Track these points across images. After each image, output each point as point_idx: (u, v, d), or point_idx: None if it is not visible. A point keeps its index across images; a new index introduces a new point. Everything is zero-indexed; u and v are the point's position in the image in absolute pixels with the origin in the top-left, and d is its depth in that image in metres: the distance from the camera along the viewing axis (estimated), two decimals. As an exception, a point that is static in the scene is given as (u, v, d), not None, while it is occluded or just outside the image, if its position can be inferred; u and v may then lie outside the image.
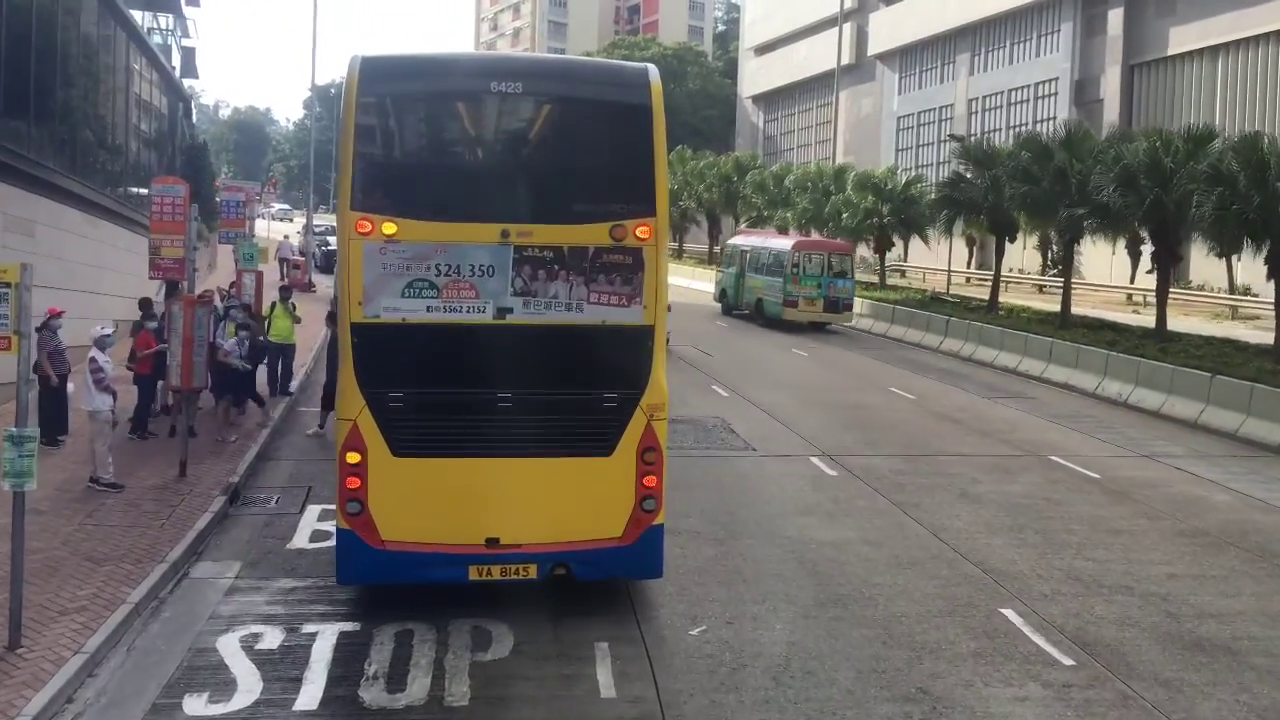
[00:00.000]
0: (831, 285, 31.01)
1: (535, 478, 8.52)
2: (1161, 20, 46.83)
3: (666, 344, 9.33)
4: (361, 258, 8.25)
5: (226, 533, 10.96)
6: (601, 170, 8.72)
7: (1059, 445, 16.37)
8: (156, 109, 30.95)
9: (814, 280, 30.89)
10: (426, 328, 8.30)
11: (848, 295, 31.60)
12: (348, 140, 8.28)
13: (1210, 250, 26.17)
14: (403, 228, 8.22)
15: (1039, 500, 13.01)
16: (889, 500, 12.79)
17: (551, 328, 8.40)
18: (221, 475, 12.65)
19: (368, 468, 8.36)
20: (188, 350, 12.19)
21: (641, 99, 8.55)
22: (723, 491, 12.93)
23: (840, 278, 31.37)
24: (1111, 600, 9.65)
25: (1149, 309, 37.64)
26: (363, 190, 8.27)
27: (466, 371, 8.46)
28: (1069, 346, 22.64)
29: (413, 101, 8.62)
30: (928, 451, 15.63)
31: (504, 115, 8.71)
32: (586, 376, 8.61)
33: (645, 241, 8.47)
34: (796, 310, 30.91)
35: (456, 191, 8.51)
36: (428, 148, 8.76)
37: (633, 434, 8.59)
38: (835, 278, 31.18)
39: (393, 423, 8.34)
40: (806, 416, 17.99)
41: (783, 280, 31.04)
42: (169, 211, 12.86)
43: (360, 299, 8.29)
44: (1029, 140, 27.39)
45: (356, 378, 8.35)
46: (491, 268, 8.32)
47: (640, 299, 8.52)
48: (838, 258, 31.92)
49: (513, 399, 8.44)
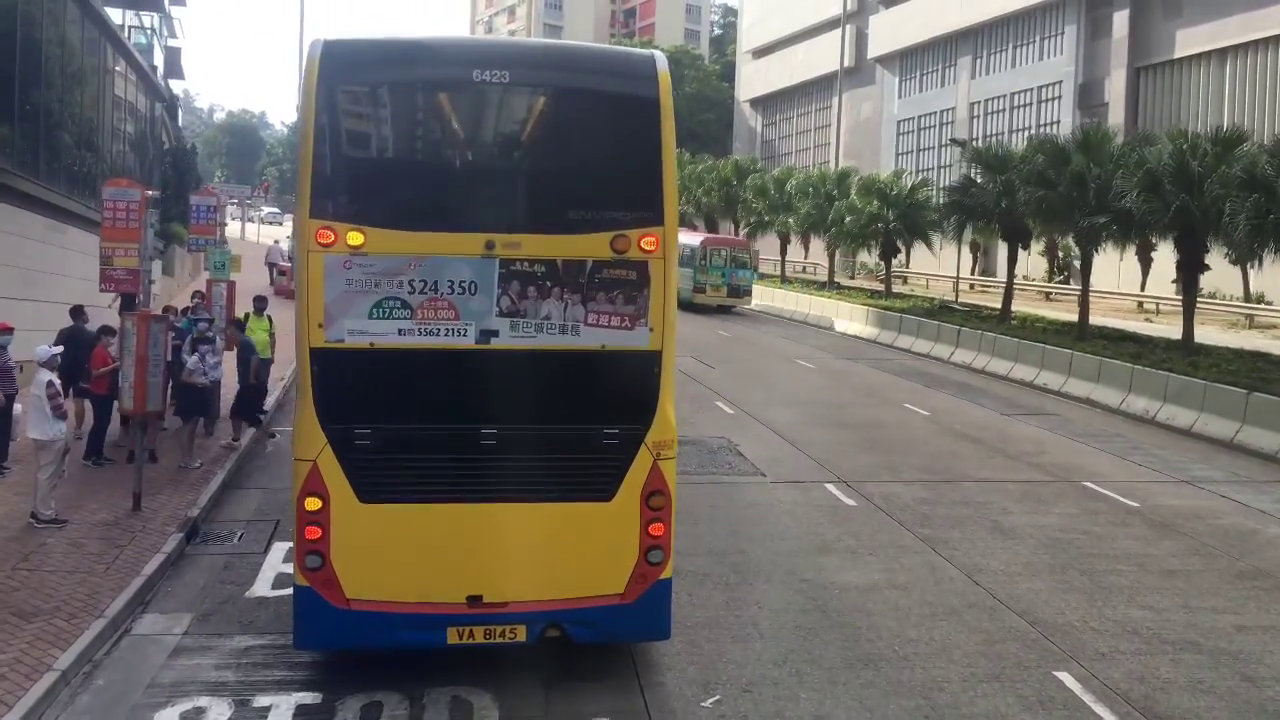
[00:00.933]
0: (733, 274, 37.33)
1: (524, 526, 7.39)
2: (1168, 22, 45.95)
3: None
4: (322, 273, 7.12)
5: (180, 577, 9.80)
6: (601, 172, 7.57)
7: (1091, 469, 15.26)
8: (135, 109, 29.80)
9: (719, 270, 36.99)
10: (398, 354, 7.18)
11: (747, 283, 37.94)
12: (306, 137, 7.15)
13: (1226, 257, 25.16)
14: (370, 238, 7.09)
15: (1078, 534, 11.89)
16: (915, 535, 11.66)
17: (543, 353, 7.29)
18: (180, 507, 11.49)
19: (330, 515, 7.22)
20: (141, 370, 11.03)
21: (648, 90, 7.43)
22: (732, 525, 11.80)
23: (741, 268, 37.61)
24: (1178, 660, 8.52)
25: (1161, 317, 36.76)
26: (324, 195, 7.14)
27: (445, 404, 7.34)
28: (1090, 359, 21.53)
29: (382, 92, 7.47)
30: (951, 476, 14.51)
31: (488, 108, 7.58)
32: (583, 409, 7.48)
33: (651, 254, 7.35)
34: (705, 295, 36.41)
35: (433, 196, 7.37)
36: (400, 146, 7.60)
37: (636, 475, 7.47)
38: (737, 268, 37.40)
39: (359, 463, 7.21)
40: (817, 436, 16.87)
41: (693, 270, 35.89)
42: (122, 217, 11.73)
43: (321, 320, 7.15)
44: (1044, 143, 26.27)
45: (316, 411, 7.21)
46: (474, 284, 7.20)
47: (645, 320, 7.40)
48: (740, 251, 38.29)
49: (498, 435, 7.31)
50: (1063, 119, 49.19)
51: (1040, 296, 43.78)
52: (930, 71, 60.74)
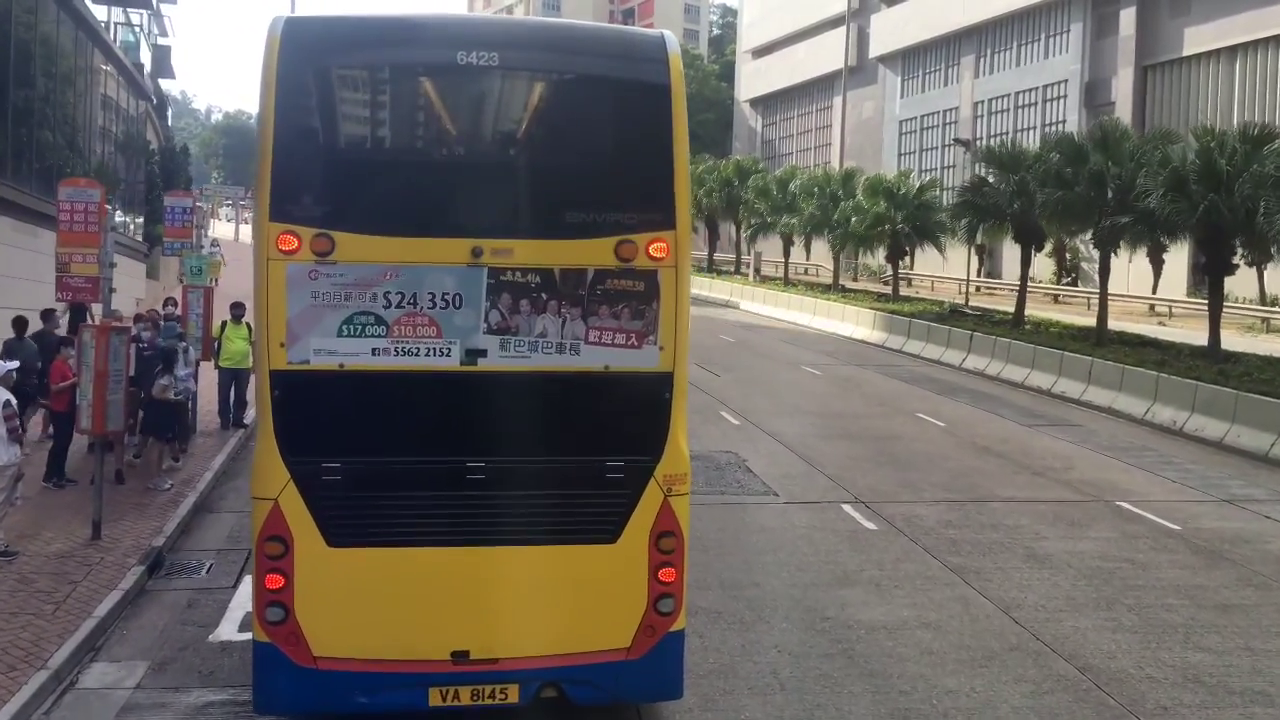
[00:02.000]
0: None
1: (516, 573, 6.49)
2: (1176, 20, 45.14)
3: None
4: (284, 284, 6.22)
5: (138, 617, 8.87)
6: (604, 169, 6.67)
7: (1124, 487, 14.33)
8: (119, 108, 28.88)
9: None
10: (372, 377, 6.28)
11: None
12: (265, 129, 6.23)
13: (1243, 258, 24.27)
14: (340, 244, 6.19)
15: (1120, 563, 10.98)
16: (943, 564, 10.74)
17: (538, 376, 6.39)
18: (144, 535, 10.59)
19: (294, 562, 6.31)
20: (100, 386, 10.11)
21: (657, 75, 6.52)
22: (745, 553, 10.88)
23: None
24: (1249, 715, 7.60)
25: (1175, 320, 35.87)
26: (285, 195, 6.23)
27: (425, 434, 6.44)
28: (1112, 367, 20.61)
29: (352, 77, 6.56)
30: (975, 495, 13.60)
31: (474, 95, 6.66)
32: (584, 439, 6.57)
33: (661, 262, 6.45)
34: None
35: (412, 196, 6.46)
36: (373, 138, 6.69)
37: (644, 514, 6.57)
38: None
39: (327, 502, 6.30)
40: (829, 450, 15.96)
41: None
42: (80, 220, 10.81)
43: (282, 339, 6.25)
44: (1061, 141, 25.34)
45: (278, 443, 6.30)
46: (459, 297, 6.30)
47: (654, 338, 6.50)
48: None
49: (487, 469, 6.41)
50: (1068, 118, 48.38)
51: (1048, 299, 42.88)
52: (933, 71, 59.88)
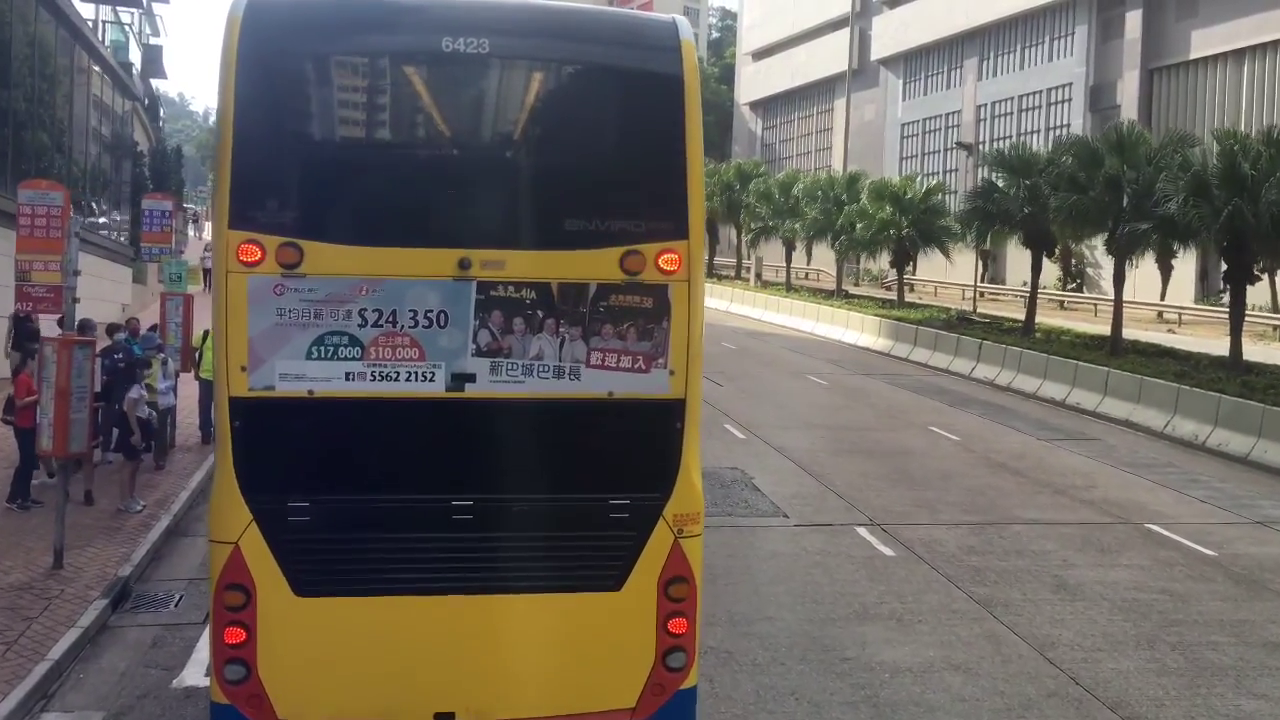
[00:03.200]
0: None
1: (508, 625, 5.77)
2: (1182, 23, 44.52)
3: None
4: (246, 300, 5.50)
5: (97, 658, 8.14)
6: (608, 171, 5.95)
7: (1151, 508, 13.61)
8: (105, 107, 28.13)
9: None
10: (345, 405, 5.57)
11: None
12: (225, 124, 5.51)
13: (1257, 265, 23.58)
14: (310, 255, 5.47)
15: (1156, 594, 10.26)
16: (967, 595, 10.02)
17: (533, 403, 5.68)
18: (111, 563, 9.85)
19: (257, 613, 5.60)
20: (63, 404, 9.38)
21: (668, 65, 5.82)
22: (755, 582, 10.16)
23: None
24: (1319, 774, 6.92)
25: (1184, 328, 35.22)
26: (248, 199, 5.50)
27: (406, 468, 5.72)
28: (1130, 378, 19.90)
29: (323, 66, 5.82)
30: (995, 516, 12.88)
31: (462, 87, 5.94)
32: (585, 474, 5.85)
33: (672, 276, 5.73)
34: None
35: (391, 200, 5.73)
36: (347, 136, 5.97)
37: (652, 558, 5.85)
38: None
39: (294, 546, 5.58)
40: (839, 466, 15.24)
41: None
42: (41, 225, 10.11)
43: (244, 362, 5.52)
44: (1076, 144, 24.65)
45: (238, 480, 5.58)
46: (444, 314, 5.59)
47: (664, 360, 5.78)
48: None
49: (475, 508, 5.69)
50: (1073, 122, 47.75)
51: (1053, 305, 42.16)
52: (935, 73, 59.24)
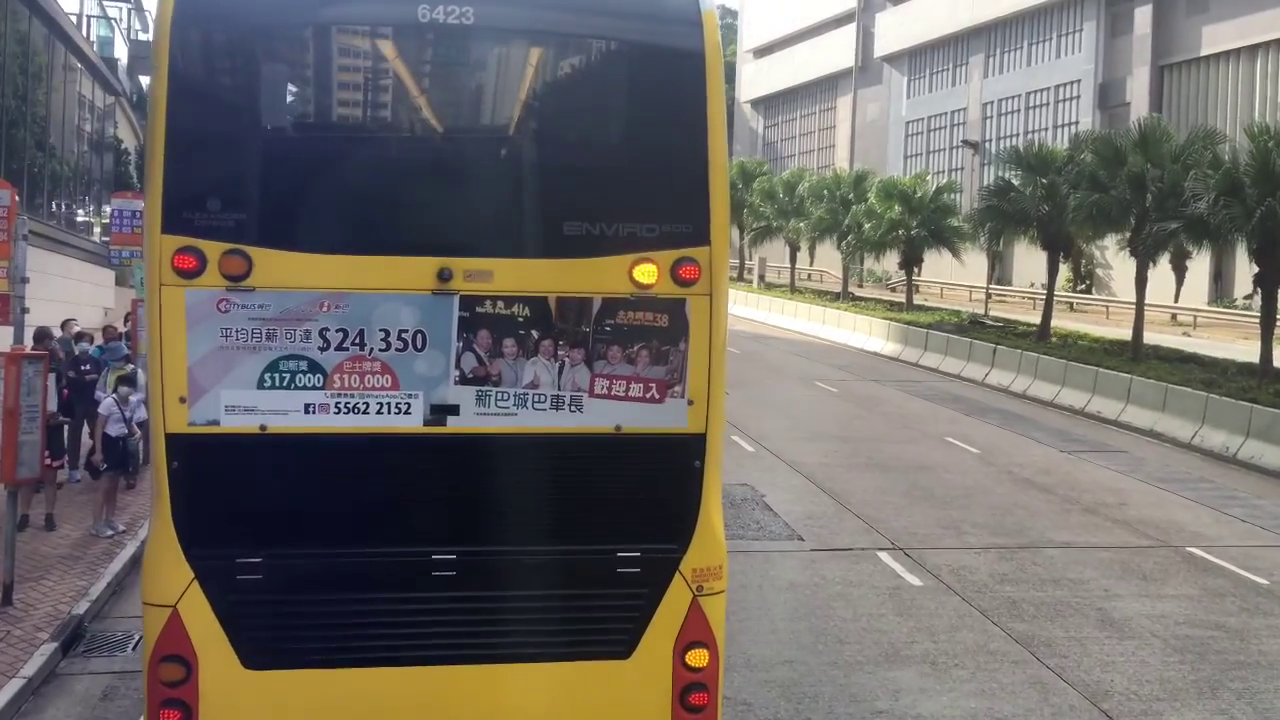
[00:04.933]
0: None
1: (498, 700, 4.93)
2: (1193, 19, 43.66)
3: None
4: (184, 319, 4.64)
5: (40, 712, 7.27)
6: (616, 164, 5.08)
7: (1190, 528, 12.73)
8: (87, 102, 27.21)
9: None
10: (304, 442, 4.73)
11: None
12: (157, 109, 4.64)
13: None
14: (260, 264, 4.63)
15: (1211, 630, 9.37)
16: (1005, 632, 9.13)
17: (527, 440, 4.85)
18: (66, 598, 8.96)
19: (199, 690, 4.76)
20: (11, 425, 8.50)
21: (688, 40, 4.94)
22: (773, 618, 9.27)
23: None
24: None
25: (1200, 331, 34.32)
26: (185, 198, 4.65)
27: (377, 518, 4.87)
28: (1154, 385, 19.02)
29: (274, 40, 4.95)
30: (1026, 539, 11.99)
31: (443, 65, 5.07)
32: (588, 523, 5.00)
33: (691, 288, 4.89)
34: None
35: (358, 200, 4.86)
36: (304, 123, 5.10)
37: (667, 620, 5.03)
38: None
39: (244, 610, 4.74)
40: (855, 482, 14.36)
41: None
42: (-14, 228, 9.24)
43: (183, 393, 4.67)
44: (1098, 141, 23.78)
45: (177, 532, 4.73)
46: (421, 335, 4.75)
47: (681, 388, 4.94)
48: None
49: (459, 563, 4.86)
50: (1081, 119, 46.93)
51: (1064, 307, 41.24)
52: (940, 71, 58.38)
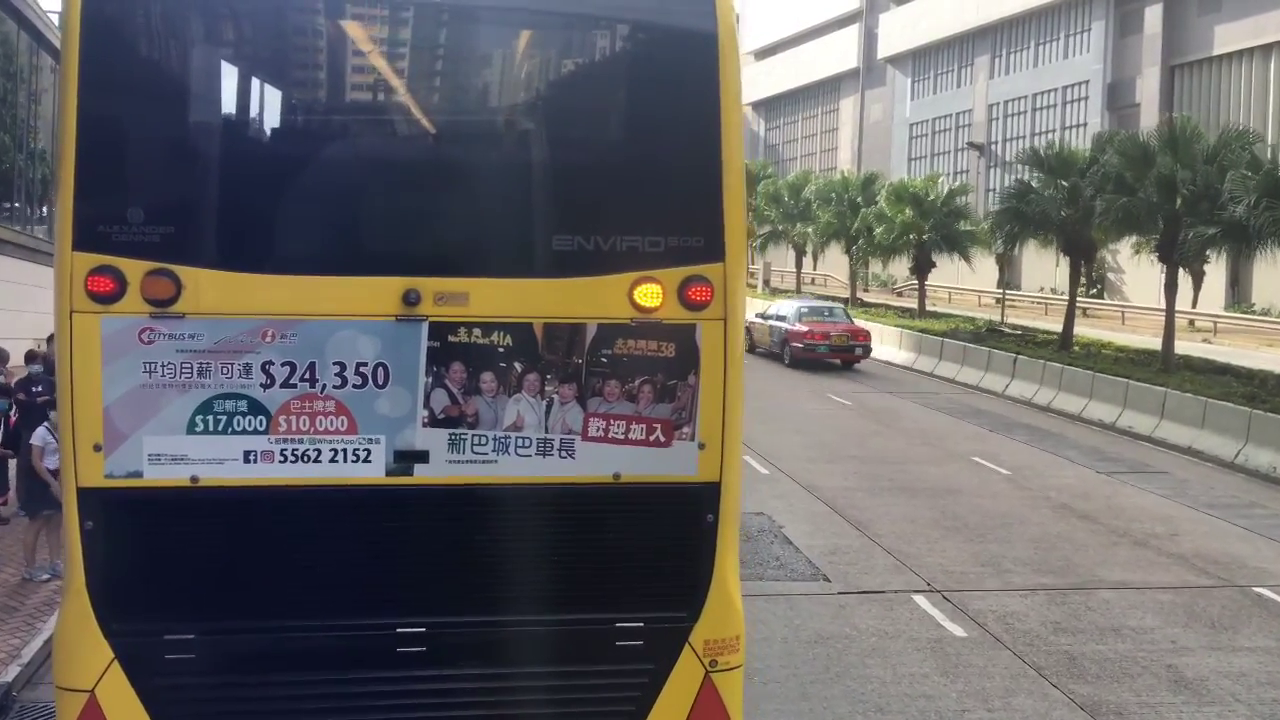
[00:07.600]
0: None
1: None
2: (1205, 17, 42.97)
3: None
4: (99, 352, 3.79)
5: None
6: (614, 166, 4.20)
7: (1252, 564, 11.59)
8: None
9: None
10: (245, 497, 3.88)
11: None
12: (68, 103, 3.76)
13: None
14: (191, 287, 3.76)
15: (1300, 692, 8.39)
16: (1068, 697, 8.03)
17: (509, 491, 4.00)
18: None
19: (115, 803, 3.89)
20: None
21: (700, 22, 4.05)
22: (801, 681, 8.14)
23: None
24: None
25: (1219, 337, 33.47)
26: (99, 209, 3.77)
27: (332, 584, 4.00)
28: (1192, 399, 18.05)
29: (208, 20, 4.09)
30: (1076, 579, 10.90)
31: (411, 49, 4.22)
32: (581, 588, 4.15)
33: (702, 312, 4.04)
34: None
35: (308, 210, 3.99)
36: (244, 120, 4.24)
37: (675, 700, 4.19)
38: None
39: (174, 695, 3.88)
40: (881, 509, 13.40)
41: None
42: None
43: (98, 439, 3.80)
44: (1125, 141, 22.87)
45: (93, 603, 3.87)
46: (383, 369, 3.88)
47: (691, 429, 4.08)
48: None
49: (428, 638, 4.00)
50: (1090, 121, 46.29)
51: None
52: (945, 71, 57.79)
